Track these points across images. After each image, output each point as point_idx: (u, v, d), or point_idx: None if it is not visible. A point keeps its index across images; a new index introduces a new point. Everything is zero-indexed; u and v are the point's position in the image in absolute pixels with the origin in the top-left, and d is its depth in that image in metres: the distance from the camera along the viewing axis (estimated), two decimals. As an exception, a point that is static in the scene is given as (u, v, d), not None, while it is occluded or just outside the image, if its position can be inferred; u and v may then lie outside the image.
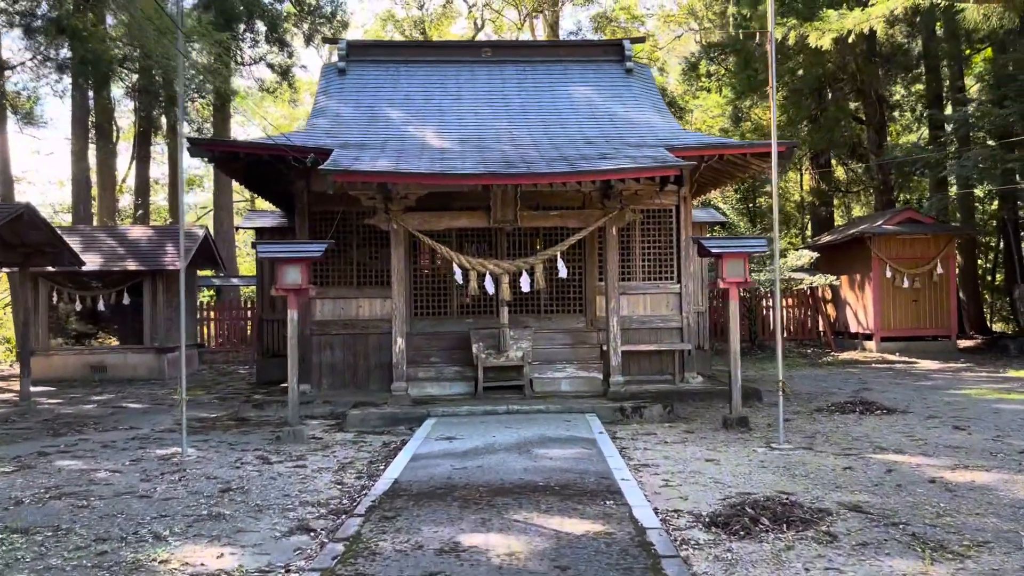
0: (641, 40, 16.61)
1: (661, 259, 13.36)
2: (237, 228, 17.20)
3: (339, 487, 7.14)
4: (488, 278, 11.22)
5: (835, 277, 22.73)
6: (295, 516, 6.13)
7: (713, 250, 9.69)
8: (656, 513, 5.95)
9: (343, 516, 6.03)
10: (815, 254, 22.71)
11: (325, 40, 21.66)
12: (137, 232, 19.67)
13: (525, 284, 11.44)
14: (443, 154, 11.54)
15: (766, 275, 22.13)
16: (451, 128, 13.17)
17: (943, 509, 6.03)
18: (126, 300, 18.51)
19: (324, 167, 10.07)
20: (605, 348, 12.11)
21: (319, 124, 13.25)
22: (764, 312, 24.82)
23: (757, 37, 21.41)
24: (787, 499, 6.19)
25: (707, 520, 5.76)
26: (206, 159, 12.24)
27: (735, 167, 13.40)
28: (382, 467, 7.88)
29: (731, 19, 28.52)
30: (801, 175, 34.97)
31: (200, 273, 25.52)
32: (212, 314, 26.57)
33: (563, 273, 11.32)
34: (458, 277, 11.26)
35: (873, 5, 18.05)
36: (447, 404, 11.06)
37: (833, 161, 29.67)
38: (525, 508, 5.98)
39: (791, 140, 12.82)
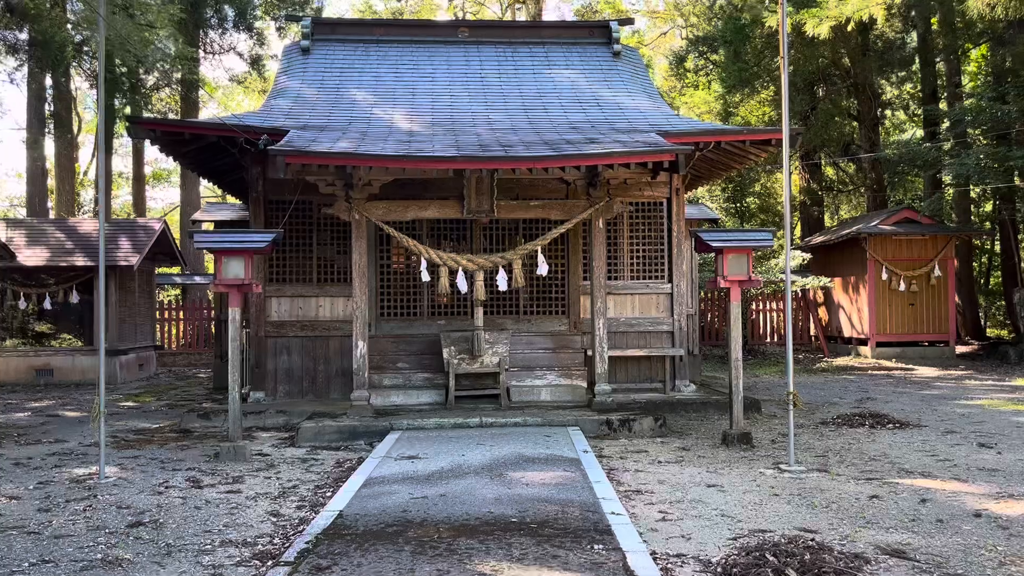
0: (630, 22, 15.52)
1: (651, 256, 12.26)
2: (194, 222, 15.89)
3: (274, 520, 5.95)
4: (461, 275, 10.07)
5: (828, 279, 21.76)
6: (210, 563, 4.94)
7: (713, 244, 8.59)
8: (655, 560, 4.82)
9: (268, 564, 4.86)
10: (807, 255, 21.74)
11: (288, 17, 20.40)
12: (88, 225, 18.34)
13: (502, 282, 10.31)
14: (412, 137, 10.39)
15: (759, 275, 21.14)
16: (423, 111, 12.02)
17: (1004, 554, 4.94)
18: (75, 298, 17.21)
19: (274, 147, 8.89)
20: (590, 353, 11.00)
21: (277, 105, 12.05)
22: (754, 315, 23.84)
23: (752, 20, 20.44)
24: (813, 541, 5.08)
25: (719, 571, 4.64)
26: (149, 140, 11.00)
27: (732, 157, 12.33)
28: (329, 493, 6.70)
29: (720, 11, 27.56)
30: (789, 174, 34.09)
31: (161, 270, 24.24)
32: (178, 314, 25.27)
33: (544, 270, 10.20)
34: (425, 274, 10.11)
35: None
36: (414, 415, 9.89)
37: (824, 160, 28.75)
38: (494, 555, 4.83)
39: (794, 128, 11.84)
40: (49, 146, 26.58)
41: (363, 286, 10.04)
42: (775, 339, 23.93)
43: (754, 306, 22.92)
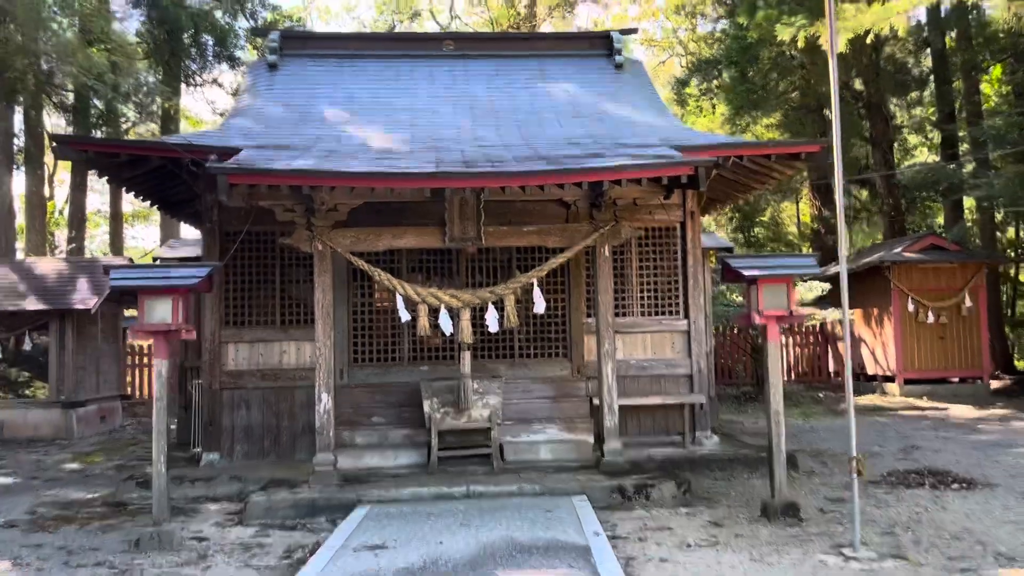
0: (632, 31, 14.15)
1: (664, 289, 10.73)
2: (156, 259, 14.39)
3: (174, 656, 4.35)
4: (444, 314, 8.52)
5: (848, 311, 20.18)
6: None
7: (746, 272, 7.06)
8: None
9: None
10: (826, 285, 20.18)
11: (254, 31, 19.03)
12: (46, 266, 16.81)
13: (492, 321, 8.76)
14: (385, 155, 8.91)
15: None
16: (401, 128, 10.56)
17: None
18: (27, 345, 15.64)
19: (214, 166, 7.40)
20: (597, 402, 9.42)
21: (235, 124, 10.60)
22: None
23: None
24: None
25: None
26: (82, 163, 9.53)
27: (753, 176, 10.85)
28: (261, 606, 5.10)
29: (723, 34, 26.38)
30: (798, 203, 32.73)
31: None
32: (150, 359, 23.63)
33: (541, 307, 8.65)
34: (404, 312, 8.57)
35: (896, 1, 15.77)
36: (388, 483, 8.27)
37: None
38: None
39: (824, 140, 10.45)
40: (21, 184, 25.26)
41: (327, 328, 8.49)
42: (791, 376, 22.27)
43: (770, 342, 21.30)
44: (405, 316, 8.66)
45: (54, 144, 9.01)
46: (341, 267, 10.03)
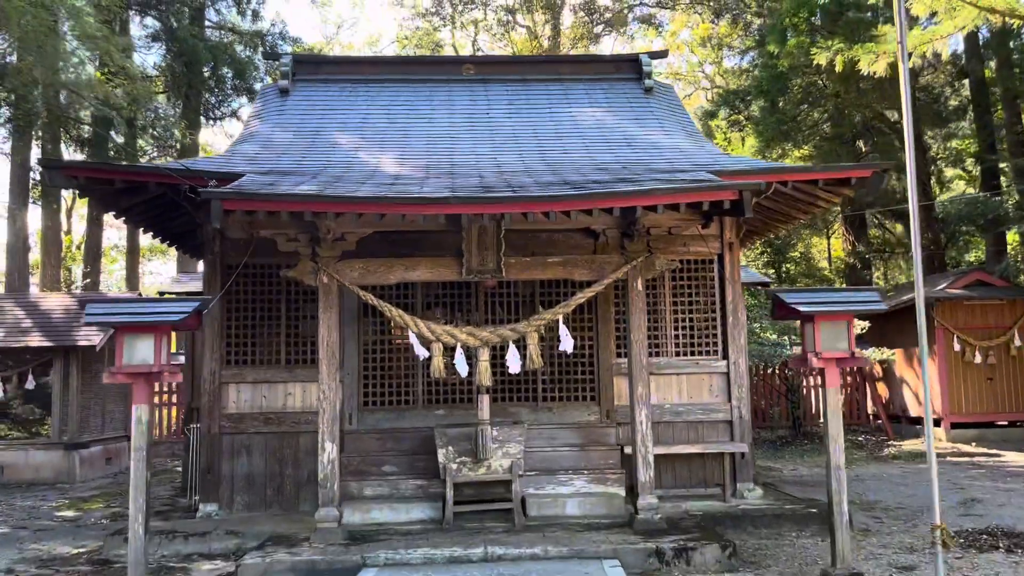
0: (662, 55, 13.49)
1: (700, 327, 9.90)
2: (161, 294, 13.76)
3: None
4: (459, 353, 7.73)
5: (889, 350, 19.20)
6: None
7: (801, 308, 6.22)
8: None
9: None
10: (864, 323, 19.16)
11: (266, 55, 18.55)
12: (53, 301, 16.25)
13: (514, 362, 7.97)
14: (397, 180, 8.20)
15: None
16: (416, 154, 9.89)
17: None
18: (30, 384, 15.01)
19: (207, 190, 6.72)
20: (629, 451, 8.57)
21: (241, 150, 9.98)
22: (806, 391, 21.12)
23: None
24: None
25: None
26: (76, 191, 8.92)
27: (795, 205, 10.05)
28: None
29: (752, 65, 25.79)
30: (829, 237, 31.78)
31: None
32: (164, 397, 22.97)
33: (568, 346, 7.84)
34: (419, 349, 7.80)
35: (937, 24, 15.02)
36: (398, 542, 7.44)
37: (873, 219, 26.52)
38: None
39: (883, 163, 9.70)
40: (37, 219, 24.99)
41: (332, 370, 7.73)
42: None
43: (809, 381, 20.28)
44: (422, 353, 7.88)
45: (41, 170, 8.38)
46: (351, 302, 9.33)
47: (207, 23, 26.48)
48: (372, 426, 9.32)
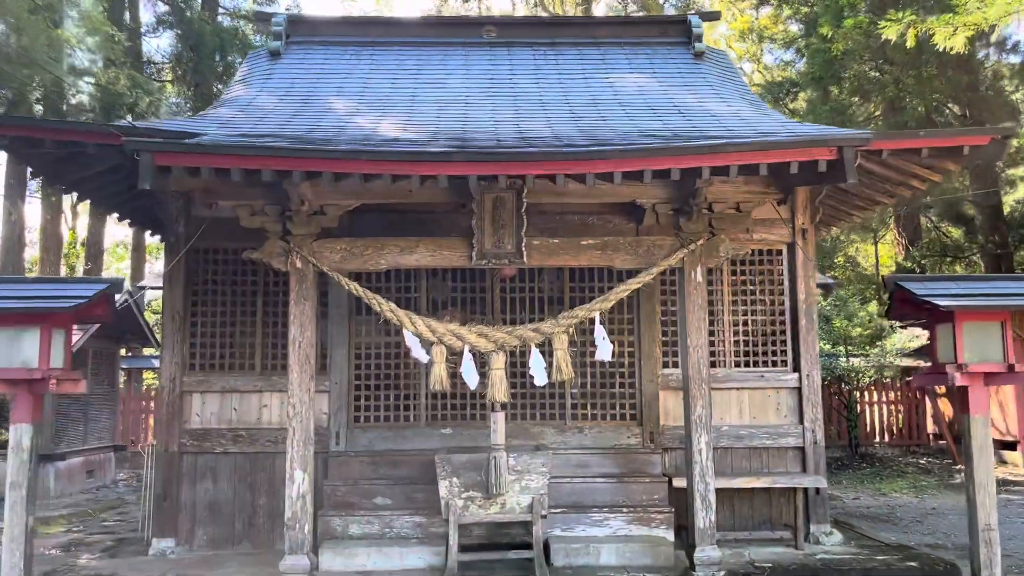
0: (714, 17, 11.72)
1: (764, 332, 8.12)
2: (140, 287, 12.22)
3: None
4: (467, 359, 6.03)
5: (954, 364, 17.18)
6: None
7: (939, 302, 4.44)
8: None
9: None
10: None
11: (256, 15, 16.89)
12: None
13: (538, 371, 6.26)
14: (395, 145, 6.51)
15: (869, 359, 16.79)
16: (423, 120, 8.19)
17: None
18: None
19: (132, 139, 5.09)
20: (680, 485, 6.83)
21: (215, 114, 8.36)
22: (859, 407, 19.13)
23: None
24: None
25: None
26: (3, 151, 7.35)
27: (883, 184, 8.23)
28: None
29: (799, 53, 23.92)
30: (876, 243, 29.70)
31: (150, 351, 20.52)
32: (152, 404, 21.38)
33: (606, 353, 6.12)
34: (417, 352, 6.12)
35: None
36: (385, 601, 5.74)
37: (930, 219, 24.51)
38: None
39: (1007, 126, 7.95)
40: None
41: (306, 377, 6.07)
42: (885, 438, 19.13)
43: (866, 396, 18.34)
44: (422, 356, 6.20)
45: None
46: (340, 296, 7.68)
47: (220, 10, 25.21)
48: (364, 447, 7.63)
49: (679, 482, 7.15)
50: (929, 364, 5.37)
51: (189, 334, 7.85)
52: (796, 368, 7.97)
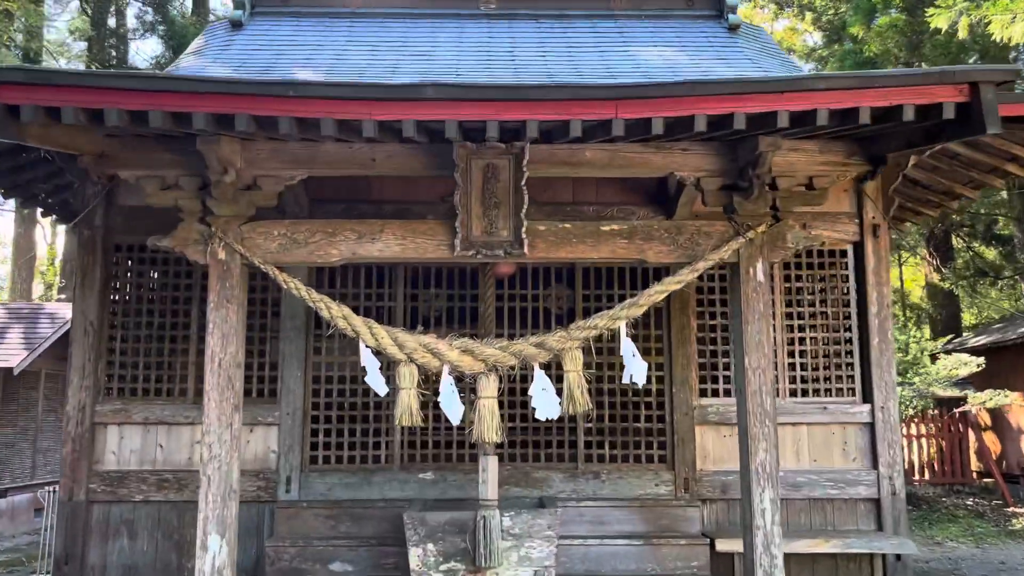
0: (749, -12, 10.14)
1: (826, 352, 6.50)
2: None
3: None
4: (446, 384, 4.42)
5: (1001, 394, 15.51)
6: None
7: None
8: None
9: None
10: (979, 359, 15.48)
11: None
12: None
13: (543, 402, 4.63)
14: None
15: (911, 389, 15.14)
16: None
17: None
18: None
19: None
20: (724, 549, 5.19)
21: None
22: (908, 440, 17.32)
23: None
24: None
25: None
26: None
27: (973, 169, 6.64)
28: None
29: (824, 62, 22.56)
30: (900, 266, 28.11)
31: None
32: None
33: (640, 374, 4.49)
34: (373, 378, 4.53)
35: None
36: None
37: (956, 242, 22.90)
38: None
39: None
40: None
41: (227, 407, 4.48)
42: (926, 475, 17.33)
43: (908, 430, 16.60)
44: (379, 386, 4.61)
45: None
46: (295, 306, 6.11)
47: (211, 17, 24.08)
48: (321, 496, 6.00)
49: (724, 544, 5.52)
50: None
51: (106, 351, 6.26)
52: (867, 399, 6.33)
